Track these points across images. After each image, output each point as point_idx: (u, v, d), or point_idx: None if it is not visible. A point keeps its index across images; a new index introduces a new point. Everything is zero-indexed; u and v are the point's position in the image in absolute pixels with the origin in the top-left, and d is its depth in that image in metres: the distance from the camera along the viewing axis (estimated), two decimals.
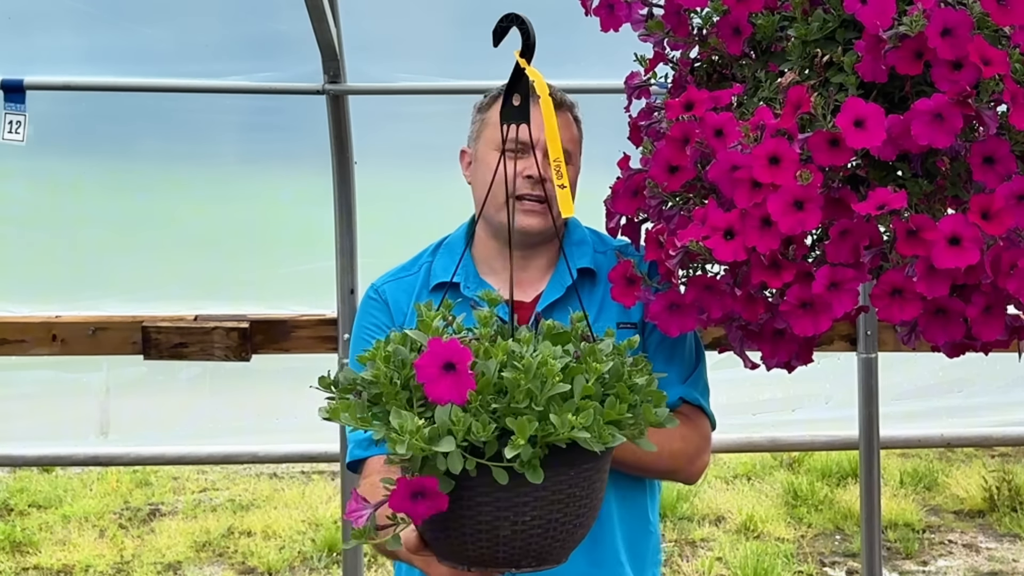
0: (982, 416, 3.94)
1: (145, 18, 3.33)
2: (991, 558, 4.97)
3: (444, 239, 2.03)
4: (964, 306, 1.46)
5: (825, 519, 5.41)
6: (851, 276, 1.45)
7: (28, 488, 5.70)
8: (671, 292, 1.62)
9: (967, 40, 1.39)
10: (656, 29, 1.73)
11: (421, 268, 1.99)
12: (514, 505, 1.27)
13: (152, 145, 3.59)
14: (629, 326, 1.86)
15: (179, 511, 5.51)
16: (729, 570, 4.85)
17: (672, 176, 1.57)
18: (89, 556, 4.95)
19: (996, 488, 5.51)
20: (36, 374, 3.71)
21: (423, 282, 1.96)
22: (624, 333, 1.75)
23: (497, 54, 1.58)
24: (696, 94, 1.56)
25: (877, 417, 3.22)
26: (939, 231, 1.38)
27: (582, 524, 1.35)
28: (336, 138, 3.19)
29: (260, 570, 4.88)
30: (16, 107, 3.13)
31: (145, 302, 3.40)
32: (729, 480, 5.92)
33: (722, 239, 1.46)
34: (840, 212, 1.47)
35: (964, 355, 1.60)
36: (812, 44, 1.54)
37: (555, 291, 1.89)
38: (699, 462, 1.86)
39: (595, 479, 1.35)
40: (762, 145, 1.44)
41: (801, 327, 1.48)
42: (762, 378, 1.78)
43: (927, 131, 1.40)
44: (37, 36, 3.33)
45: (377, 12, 3.31)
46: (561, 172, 1.42)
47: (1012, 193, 1.40)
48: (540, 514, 1.29)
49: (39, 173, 3.54)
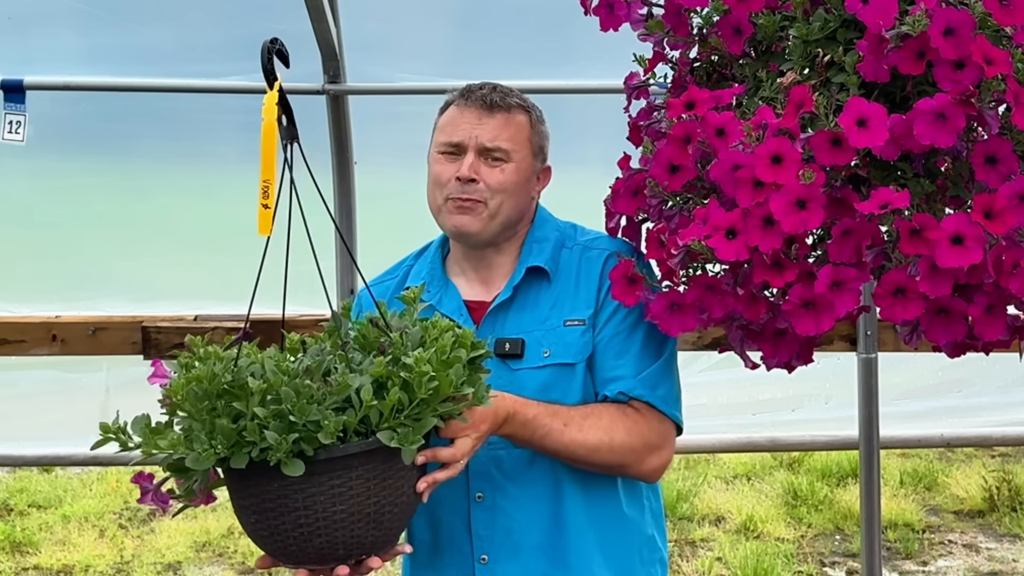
0: (982, 416, 3.93)
1: (145, 18, 3.33)
2: (991, 558, 4.97)
3: (429, 243, 2.05)
4: (966, 306, 1.46)
5: (825, 519, 5.40)
6: (853, 276, 1.45)
7: (28, 488, 5.70)
8: (672, 292, 1.62)
9: (969, 40, 1.39)
10: (656, 29, 1.73)
11: (400, 272, 2.04)
12: (296, 500, 1.45)
13: (152, 145, 3.59)
14: (577, 323, 1.87)
15: None
16: (729, 570, 4.85)
17: (673, 176, 1.57)
18: (89, 556, 4.95)
19: (996, 488, 5.50)
20: (36, 374, 3.71)
21: (398, 286, 1.99)
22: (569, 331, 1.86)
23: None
24: (698, 93, 1.56)
25: (877, 417, 3.22)
26: (942, 230, 1.38)
27: (384, 517, 1.51)
28: (336, 138, 3.20)
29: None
30: (16, 107, 3.13)
31: (145, 302, 3.40)
32: (729, 480, 5.92)
33: (724, 238, 1.46)
34: (842, 212, 1.47)
35: (965, 355, 1.60)
36: (813, 44, 1.54)
37: (505, 292, 1.91)
38: (653, 459, 1.83)
39: (374, 477, 1.48)
40: (764, 144, 1.44)
41: (803, 327, 1.48)
42: (762, 378, 1.77)
43: (929, 131, 1.40)
44: (37, 36, 3.33)
45: (377, 12, 3.31)
46: (268, 193, 1.49)
47: (1014, 193, 1.40)
48: (320, 511, 1.46)
49: (39, 173, 3.54)
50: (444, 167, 1.89)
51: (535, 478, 1.84)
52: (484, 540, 1.85)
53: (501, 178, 1.87)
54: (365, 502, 1.48)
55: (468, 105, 1.90)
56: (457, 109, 1.91)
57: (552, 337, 1.86)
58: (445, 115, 1.94)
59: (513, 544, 1.84)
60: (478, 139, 1.87)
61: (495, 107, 1.89)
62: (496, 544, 1.84)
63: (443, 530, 1.88)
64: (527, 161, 1.91)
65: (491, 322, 1.89)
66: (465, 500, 1.85)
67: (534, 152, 1.93)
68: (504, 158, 1.88)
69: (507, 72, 3.18)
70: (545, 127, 1.98)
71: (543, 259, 1.92)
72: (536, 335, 1.87)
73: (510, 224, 1.92)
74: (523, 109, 1.93)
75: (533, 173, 1.94)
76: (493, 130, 1.88)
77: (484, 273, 1.95)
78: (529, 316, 1.89)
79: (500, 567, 1.84)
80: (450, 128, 1.90)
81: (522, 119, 1.92)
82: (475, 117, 1.89)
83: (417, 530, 1.90)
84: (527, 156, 1.91)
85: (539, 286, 1.91)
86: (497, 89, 1.92)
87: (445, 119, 1.93)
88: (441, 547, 1.88)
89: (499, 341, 1.86)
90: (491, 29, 3.40)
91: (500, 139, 1.88)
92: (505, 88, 1.94)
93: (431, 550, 1.89)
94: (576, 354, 1.85)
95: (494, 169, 1.87)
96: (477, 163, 1.87)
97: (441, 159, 1.90)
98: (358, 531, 1.49)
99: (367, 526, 1.50)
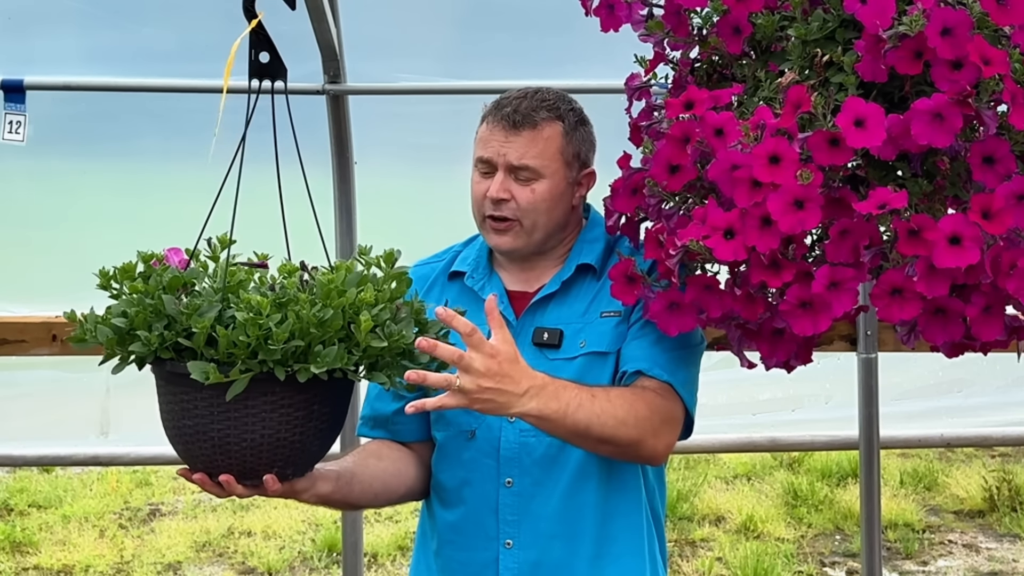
0: (982, 416, 3.94)
1: (145, 18, 3.33)
2: (991, 558, 4.97)
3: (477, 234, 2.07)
4: (963, 306, 1.46)
5: (825, 519, 5.40)
6: (851, 276, 1.45)
7: (28, 488, 5.70)
8: (671, 291, 1.62)
9: (967, 40, 1.39)
10: (656, 29, 1.73)
11: (448, 256, 2.07)
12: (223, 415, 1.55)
13: (152, 145, 3.59)
14: (613, 314, 1.89)
15: (179, 511, 5.51)
16: (729, 570, 4.85)
17: (673, 176, 1.57)
18: (89, 556, 4.95)
19: (996, 488, 5.50)
20: (36, 374, 3.71)
21: (444, 269, 2.03)
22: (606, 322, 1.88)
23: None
24: (696, 93, 1.56)
25: (877, 417, 3.22)
26: (940, 230, 1.38)
27: (231, 446, 1.57)
28: (336, 138, 3.19)
29: (260, 570, 4.88)
30: (16, 107, 3.13)
31: None
32: (729, 480, 5.92)
33: (722, 238, 1.46)
34: (840, 212, 1.47)
35: (963, 355, 1.60)
36: (812, 44, 1.54)
37: (553, 285, 1.94)
38: (664, 438, 1.82)
39: (285, 404, 1.56)
40: (762, 144, 1.44)
41: (800, 327, 1.48)
42: (762, 378, 1.78)
43: (927, 131, 1.40)
44: (37, 36, 3.33)
45: (377, 12, 3.31)
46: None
47: (1012, 193, 1.40)
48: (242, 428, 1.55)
49: (39, 173, 3.54)
50: (479, 184, 1.91)
51: (563, 468, 1.86)
52: (511, 525, 1.88)
53: (532, 197, 1.88)
54: (209, 425, 1.57)
55: (496, 122, 1.89)
56: (487, 125, 1.91)
57: (589, 329, 1.89)
58: (480, 129, 1.94)
59: (538, 531, 1.87)
60: (506, 157, 1.87)
61: (520, 125, 1.88)
62: (522, 530, 1.88)
63: (471, 512, 1.91)
64: (560, 174, 1.90)
65: (532, 312, 1.93)
66: (495, 484, 1.88)
67: (567, 162, 1.91)
68: (534, 176, 1.87)
69: (507, 72, 3.18)
70: (586, 129, 1.95)
71: (593, 257, 1.94)
72: (575, 327, 1.90)
73: (551, 235, 1.93)
74: (554, 119, 1.90)
75: (569, 184, 1.92)
76: (520, 148, 1.87)
77: (529, 272, 1.97)
78: (569, 310, 1.92)
79: (524, 553, 1.88)
80: (481, 144, 1.91)
81: (552, 131, 1.90)
82: (502, 135, 1.88)
83: (445, 510, 1.94)
84: (559, 169, 1.90)
85: (584, 282, 1.94)
86: (527, 99, 1.90)
87: (479, 134, 1.94)
88: (467, 529, 1.91)
89: (537, 330, 1.90)
90: (491, 29, 3.41)
91: (527, 157, 1.87)
92: (538, 97, 1.91)
93: (457, 531, 1.93)
94: (610, 344, 1.88)
95: (525, 188, 1.88)
96: (507, 181, 1.87)
97: (477, 175, 1.92)
98: (198, 450, 1.60)
99: (210, 447, 1.59)
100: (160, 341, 1.53)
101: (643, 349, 1.86)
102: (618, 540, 1.91)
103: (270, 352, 1.49)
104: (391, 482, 1.93)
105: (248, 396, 1.53)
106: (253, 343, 1.49)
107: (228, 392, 1.52)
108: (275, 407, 1.56)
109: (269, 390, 1.54)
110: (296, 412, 1.58)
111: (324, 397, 1.60)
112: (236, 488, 1.61)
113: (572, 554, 1.88)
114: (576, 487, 1.87)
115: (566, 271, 1.94)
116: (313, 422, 1.60)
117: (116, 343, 1.57)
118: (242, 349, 1.49)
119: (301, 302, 1.51)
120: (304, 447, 1.62)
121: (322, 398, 1.60)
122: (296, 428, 1.58)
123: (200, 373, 1.50)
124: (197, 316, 1.51)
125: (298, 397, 1.57)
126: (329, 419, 1.63)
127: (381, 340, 1.54)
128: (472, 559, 1.91)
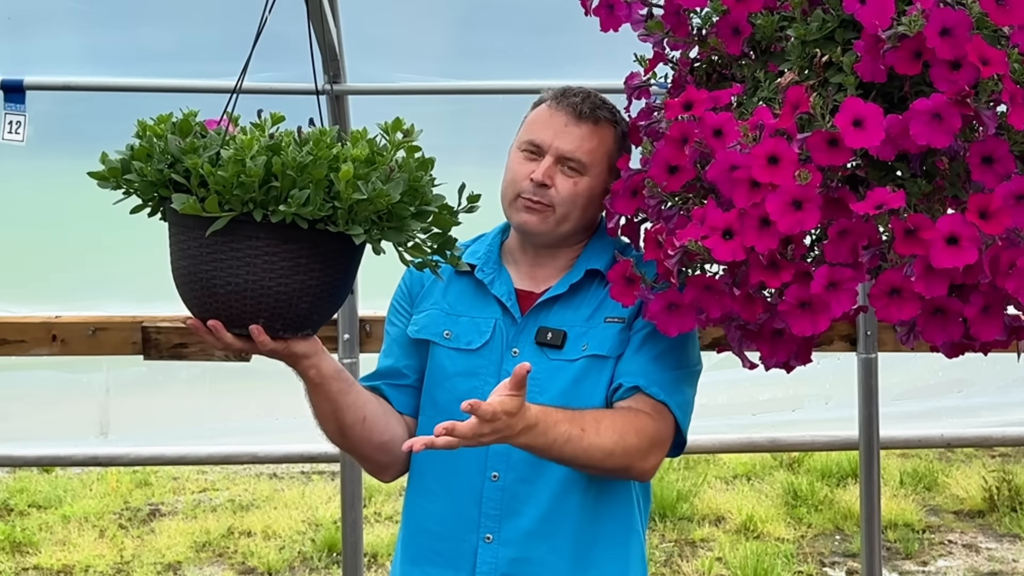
0: (982, 416, 3.94)
1: (145, 18, 3.33)
2: (991, 558, 4.97)
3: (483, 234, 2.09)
4: (962, 306, 1.46)
5: (825, 519, 5.40)
6: (849, 276, 1.45)
7: (28, 488, 5.70)
8: (670, 292, 1.62)
9: (966, 40, 1.39)
10: (656, 29, 1.73)
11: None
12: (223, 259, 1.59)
13: None
14: (617, 320, 1.89)
15: (179, 511, 5.51)
16: (729, 570, 4.85)
17: (672, 176, 1.57)
18: (89, 556, 4.95)
19: (996, 488, 5.50)
20: (36, 374, 3.72)
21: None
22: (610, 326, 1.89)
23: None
24: (695, 94, 1.56)
25: (877, 417, 3.22)
26: (937, 231, 1.38)
27: (217, 288, 1.61)
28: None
29: (260, 570, 4.88)
30: (16, 107, 3.13)
31: (145, 302, 3.40)
32: (729, 480, 5.92)
33: (721, 239, 1.46)
34: (839, 212, 1.47)
35: (963, 355, 1.60)
36: (811, 44, 1.54)
37: (561, 287, 1.94)
38: (653, 459, 1.84)
39: (280, 253, 1.59)
40: (761, 145, 1.44)
41: (799, 327, 1.48)
42: (762, 378, 1.78)
43: (926, 131, 1.40)
44: (37, 36, 3.34)
45: (377, 12, 3.31)
46: None
47: (1011, 193, 1.40)
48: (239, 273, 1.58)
49: (39, 173, 3.54)
50: (522, 165, 1.90)
51: (552, 469, 1.86)
52: (492, 519, 1.88)
53: (574, 190, 1.88)
54: (199, 267, 1.61)
55: (559, 109, 1.90)
56: (548, 110, 1.92)
57: (592, 333, 1.90)
58: (535, 112, 1.95)
59: (519, 527, 1.87)
60: (559, 145, 1.87)
61: (584, 117, 1.89)
62: (504, 525, 1.87)
63: (454, 504, 1.90)
64: (602, 176, 1.91)
65: (537, 312, 1.93)
66: (480, 478, 1.88)
67: (611, 167, 1.92)
68: (580, 170, 1.88)
69: (507, 72, 3.18)
70: (627, 144, 1.96)
71: (603, 264, 1.94)
72: (578, 330, 1.90)
73: (576, 231, 1.94)
74: (611, 123, 1.92)
75: (604, 189, 1.92)
76: (576, 140, 1.88)
77: (536, 270, 1.97)
78: (574, 313, 1.92)
79: (503, 549, 1.87)
80: (536, 127, 1.91)
81: (607, 134, 1.91)
82: (562, 123, 1.89)
83: (427, 499, 1.94)
84: (603, 171, 1.91)
85: (592, 287, 1.94)
86: (591, 98, 1.92)
87: (534, 116, 1.94)
88: (449, 520, 1.91)
89: (541, 329, 1.90)
90: (491, 29, 3.41)
91: (580, 151, 1.88)
92: (600, 99, 1.93)
93: (439, 521, 1.92)
94: (611, 348, 1.88)
95: (568, 179, 1.88)
96: (553, 169, 1.87)
97: (520, 156, 1.91)
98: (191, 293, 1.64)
99: (199, 289, 1.63)
100: (159, 177, 1.59)
101: (642, 364, 1.86)
102: (601, 544, 1.90)
103: (246, 189, 1.52)
104: (378, 422, 1.90)
105: (233, 239, 1.57)
106: (232, 180, 1.51)
107: (208, 228, 1.55)
108: (259, 253, 1.59)
109: (253, 235, 1.58)
110: (281, 262, 1.59)
111: (313, 254, 1.62)
112: (225, 336, 1.64)
113: (553, 555, 1.87)
114: (564, 489, 1.86)
115: (575, 274, 1.94)
116: (300, 275, 1.61)
117: (120, 172, 1.65)
118: (224, 187, 1.52)
119: (289, 147, 1.55)
120: (290, 302, 1.63)
121: (310, 254, 1.61)
122: (280, 279, 1.60)
123: (179, 203, 1.54)
124: (192, 154, 1.55)
125: (283, 247, 1.59)
126: (319, 278, 1.64)
127: (361, 193, 1.56)
128: (449, 549, 1.90)
